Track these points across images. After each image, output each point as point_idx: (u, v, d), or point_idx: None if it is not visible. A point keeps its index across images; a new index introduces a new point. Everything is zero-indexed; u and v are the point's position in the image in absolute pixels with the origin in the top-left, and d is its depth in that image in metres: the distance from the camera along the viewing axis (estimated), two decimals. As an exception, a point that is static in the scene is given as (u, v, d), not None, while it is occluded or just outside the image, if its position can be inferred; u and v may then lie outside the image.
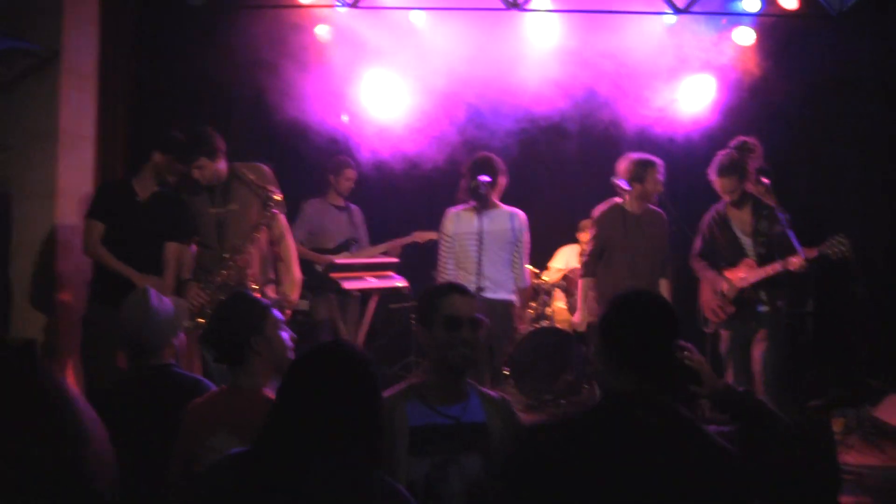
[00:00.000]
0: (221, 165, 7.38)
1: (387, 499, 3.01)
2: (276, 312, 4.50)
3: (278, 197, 7.40)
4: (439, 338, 4.08)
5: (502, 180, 8.09)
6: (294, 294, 7.54)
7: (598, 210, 8.29)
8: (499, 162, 8.11)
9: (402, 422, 4.04)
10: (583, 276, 8.34)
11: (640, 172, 8.06)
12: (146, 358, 4.77)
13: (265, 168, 7.56)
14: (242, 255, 7.29)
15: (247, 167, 7.46)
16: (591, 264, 8.26)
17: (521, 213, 8.10)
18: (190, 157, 7.29)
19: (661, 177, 8.12)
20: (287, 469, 2.96)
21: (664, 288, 8.13)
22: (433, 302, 4.14)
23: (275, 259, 7.66)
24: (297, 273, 7.62)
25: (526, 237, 8.08)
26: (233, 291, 7.00)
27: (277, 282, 7.64)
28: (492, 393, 4.27)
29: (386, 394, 4.09)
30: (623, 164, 8.15)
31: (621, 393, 3.29)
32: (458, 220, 8.01)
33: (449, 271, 8.02)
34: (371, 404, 3.15)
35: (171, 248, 7.41)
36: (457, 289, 4.20)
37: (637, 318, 3.37)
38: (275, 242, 7.61)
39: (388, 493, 3.02)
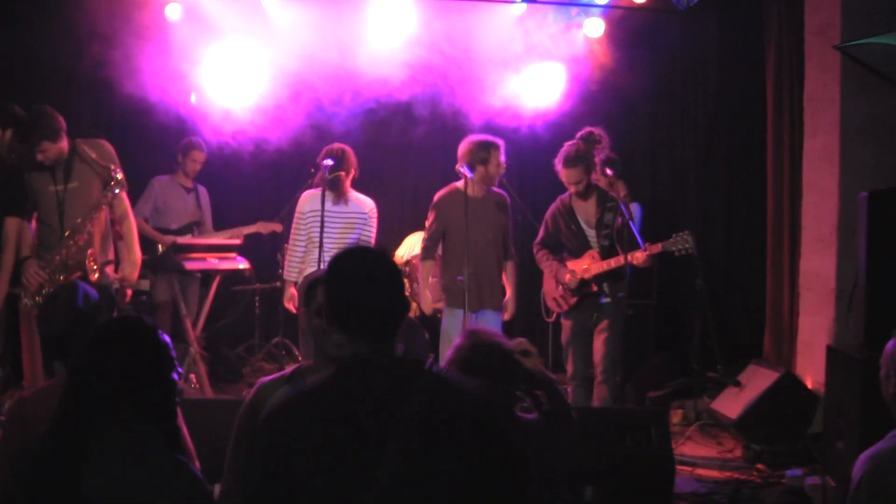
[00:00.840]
0: (63, 144, 7.15)
1: (177, 478, 2.98)
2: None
3: (120, 175, 7.22)
4: (314, 325, 4.10)
5: (352, 171, 8.07)
6: (134, 274, 7.36)
7: (439, 194, 8.23)
8: (349, 153, 8.08)
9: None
10: (423, 259, 8.26)
11: (482, 154, 7.97)
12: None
13: (107, 145, 7.36)
14: (82, 233, 7.12)
15: (88, 144, 7.25)
16: (431, 248, 8.18)
17: (370, 201, 8.20)
18: (31, 140, 7.05)
19: (503, 158, 8.08)
20: (75, 449, 2.93)
21: (509, 270, 8.10)
22: (314, 289, 4.15)
23: (116, 238, 7.50)
24: (137, 253, 7.44)
25: (373, 223, 8.17)
26: (70, 271, 6.88)
27: (117, 261, 7.48)
28: None
29: (270, 378, 4.18)
30: (465, 147, 8.03)
31: (356, 358, 2.99)
32: (310, 201, 8.03)
33: (297, 248, 8.04)
34: (158, 379, 3.13)
35: (11, 223, 7.22)
36: None
37: (362, 277, 3.06)
38: (116, 221, 7.46)
39: (179, 472, 3.00)
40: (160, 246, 9.15)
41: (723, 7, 10.22)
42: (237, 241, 9.28)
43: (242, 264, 9.22)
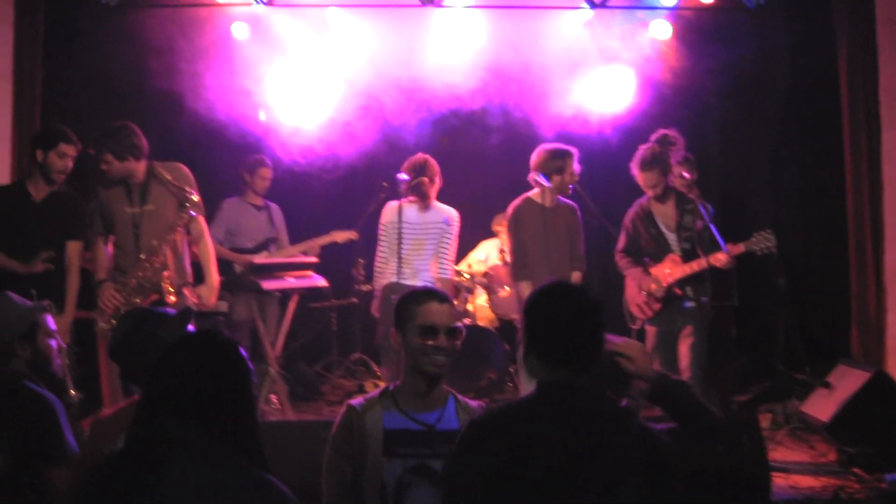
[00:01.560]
0: (133, 164, 7.20)
1: (263, 495, 2.95)
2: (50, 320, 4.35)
3: (196, 198, 7.28)
4: (413, 344, 4.10)
5: (436, 179, 8.15)
6: (212, 297, 7.43)
7: (512, 207, 8.18)
8: (432, 162, 8.15)
9: (376, 424, 4.08)
10: (517, 280, 8.19)
11: (557, 164, 7.95)
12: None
13: (183, 168, 7.42)
14: (158, 256, 7.16)
15: (164, 167, 7.31)
16: (520, 269, 8.13)
17: (452, 211, 8.24)
18: (98, 149, 7.16)
19: (577, 167, 8.04)
20: (151, 465, 2.89)
21: (576, 280, 8.06)
22: (410, 308, 4.16)
23: (193, 261, 7.55)
24: (215, 276, 7.49)
25: (453, 232, 8.20)
26: (147, 293, 6.88)
27: (195, 284, 7.49)
28: (471, 402, 4.29)
29: (359, 399, 4.20)
30: (539, 156, 8.02)
31: (554, 383, 3.28)
32: (390, 212, 8.13)
33: (380, 258, 8.20)
34: (238, 393, 3.08)
35: (72, 247, 7.39)
36: (434, 296, 4.23)
37: (562, 310, 3.36)
38: (192, 244, 7.53)
39: (264, 489, 2.96)
40: (237, 266, 9.15)
41: (792, 3, 10.07)
42: (313, 260, 9.26)
43: (320, 282, 9.20)
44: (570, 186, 8.07)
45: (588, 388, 3.26)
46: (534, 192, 8.08)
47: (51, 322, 4.57)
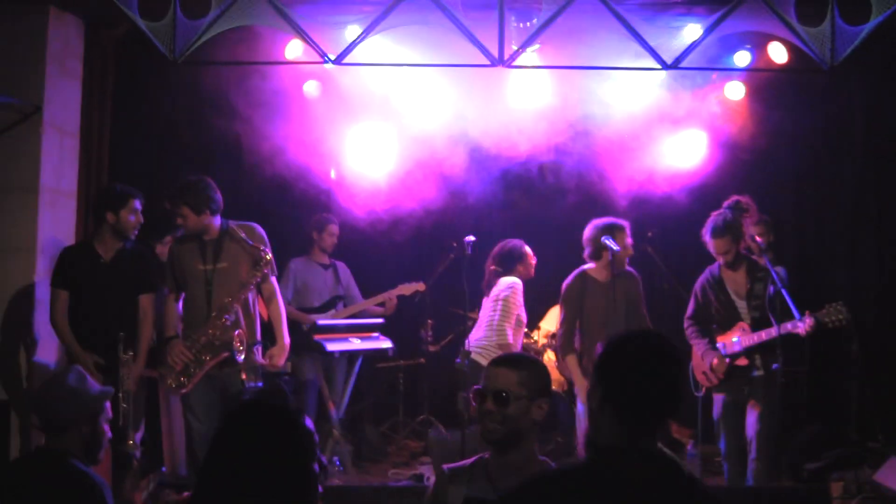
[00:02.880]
0: (207, 219, 7.30)
1: None
2: None
3: (269, 257, 7.32)
4: (483, 409, 4.00)
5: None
6: (281, 358, 7.44)
7: (565, 284, 8.22)
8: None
9: (458, 497, 3.99)
10: (564, 356, 8.19)
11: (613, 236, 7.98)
12: (50, 437, 4.45)
13: (257, 227, 7.49)
14: (230, 313, 7.21)
15: (239, 226, 7.38)
16: (567, 343, 8.15)
17: (507, 279, 8.33)
18: (175, 202, 7.25)
19: (630, 240, 8.04)
20: None
21: None
22: (487, 371, 4.08)
23: (263, 321, 7.62)
24: (286, 337, 7.50)
25: (505, 296, 8.29)
26: (217, 351, 6.88)
27: (265, 344, 7.54)
28: None
29: (454, 465, 4.15)
30: (591, 231, 8.06)
31: (611, 448, 2.99)
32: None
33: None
34: (298, 467, 2.98)
35: (144, 300, 7.55)
36: (497, 361, 4.12)
37: (647, 359, 3.04)
38: (265, 304, 7.58)
39: None
40: (303, 326, 9.16)
41: (867, 62, 9.94)
42: (379, 320, 9.27)
43: (385, 343, 9.21)
44: (626, 260, 8.06)
45: (649, 451, 2.98)
46: (589, 267, 8.12)
47: (109, 408, 4.58)
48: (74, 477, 4.23)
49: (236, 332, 7.17)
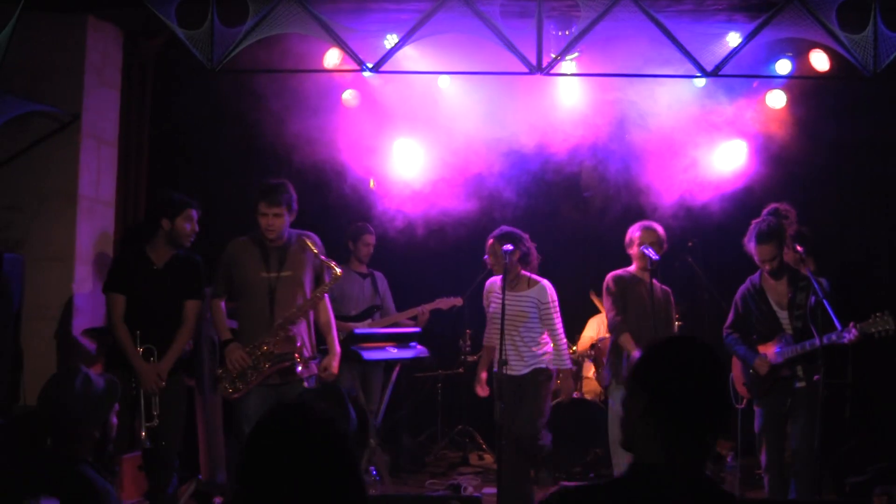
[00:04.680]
0: (285, 221, 7.39)
1: None
2: None
3: (338, 271, 7.41)
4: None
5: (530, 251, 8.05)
6: (335, 367, 7.50)
7: (610, 277, 8.29)
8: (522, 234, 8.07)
9: None
10: (619, 335, 8.14)
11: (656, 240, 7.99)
12: (61, 444, 4.32)
13: (318, 238, 7.56)
14: (295, 325, 7.28)
15: (301, 234, 7.50)
16: (621, 323, 8.14)
17: (545, 283, 8.08)
18: (258, 201, 7.33)
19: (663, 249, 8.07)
20: None
21: None
22: None
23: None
24: (337, 345, 7.58)
25: (549, 306, 8.06)
26: (277, 360, 7.05)
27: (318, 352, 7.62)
28: None
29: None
30: (643, 233, 8.07)
31: (651, 464, 2.87)
32: (491, 291, 8.15)
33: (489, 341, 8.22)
34: (338, 471, 2.88)
35: (190, 305, 7.54)
36: None
37: (690, 365, 2.90)
38: (315, 313, 7.60)
39: None
40: (340, 334, 9.13)
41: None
42: (415, 329, 9.24)
43: (422, 353, 9.19)
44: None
45: (695, 474, 2.85)
46: (632, 268, 8.20)
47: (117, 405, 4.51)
48: (79, 485, 4.16)
49: (298, 344, 7.24)
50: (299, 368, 7.14)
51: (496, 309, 7.89)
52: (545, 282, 8.06)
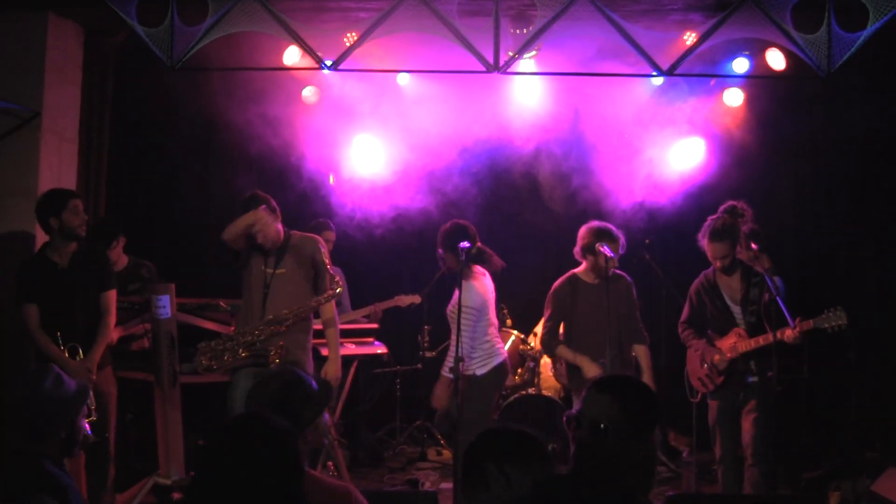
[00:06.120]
0: (278, 225, 7.56)
1: None
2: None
3: (338, 280, 7.61)
4: None
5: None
6: (337, 372, 7.81)
7: (555, 286, 8.17)
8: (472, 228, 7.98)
9: None
10: (553, 349, 8.15)
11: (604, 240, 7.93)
12: (26, 441, 4.27)
13: (323, 245, 7.77)
14: (282, 325, 7.42)
15: (303, 237, 7.76)
16: (552, 338, 8.11)
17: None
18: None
19: (622, 251, 8.00)
20: None
21: (641, 353, 8.03)
22: None
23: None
24: (336, 351, 7.76)
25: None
26: (256, 352, 7.28)
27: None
28: None
29: None
30: (585, 234, 7.98)
31: (556, 479, 3.15)
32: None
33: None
34: (286, 478, 3.00)
35: (104, 297, 7.54)
36: None
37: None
38: (323, 324, 7.79)
39: None
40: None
41: (866, 69, 9.93)
42: (373, 325, 9.28)
43: (380, 349, 9.23)
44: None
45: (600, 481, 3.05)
46: (578, 270, 8.11)
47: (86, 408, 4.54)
48: (45, 480, 4.16)
49: (280, 343, 7.36)
50: (274, 363, 7.23)
51: None
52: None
